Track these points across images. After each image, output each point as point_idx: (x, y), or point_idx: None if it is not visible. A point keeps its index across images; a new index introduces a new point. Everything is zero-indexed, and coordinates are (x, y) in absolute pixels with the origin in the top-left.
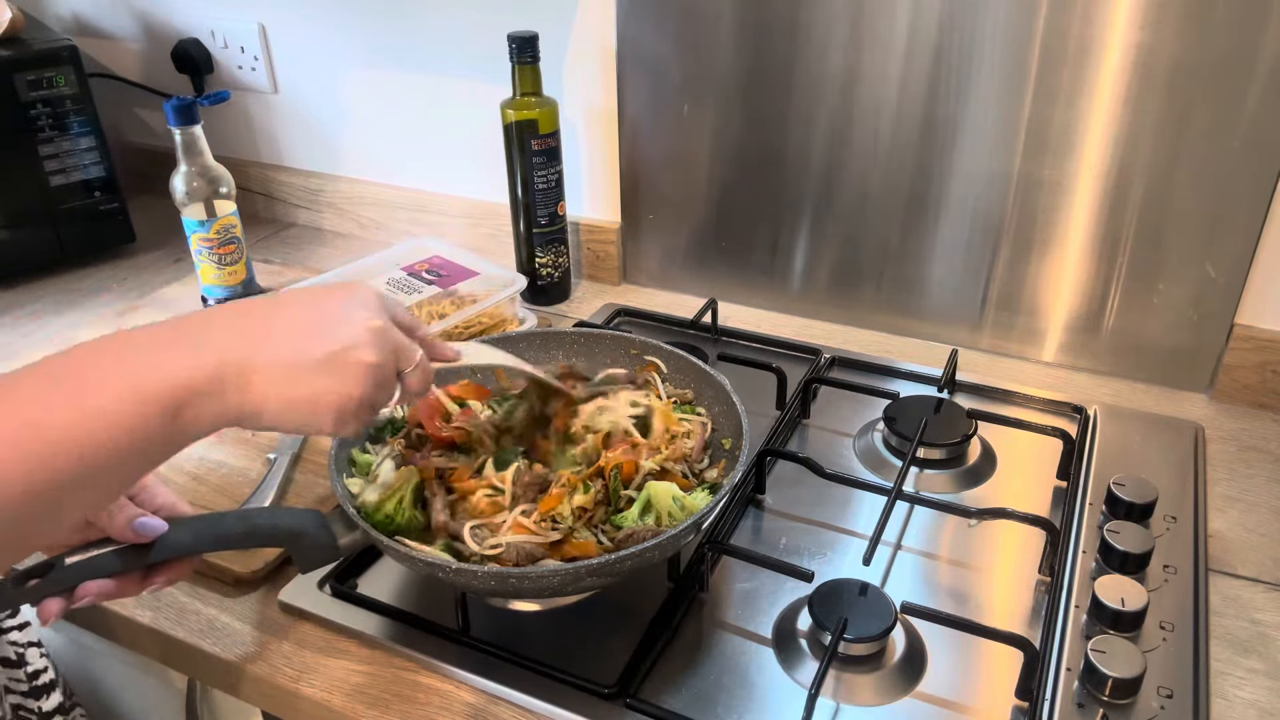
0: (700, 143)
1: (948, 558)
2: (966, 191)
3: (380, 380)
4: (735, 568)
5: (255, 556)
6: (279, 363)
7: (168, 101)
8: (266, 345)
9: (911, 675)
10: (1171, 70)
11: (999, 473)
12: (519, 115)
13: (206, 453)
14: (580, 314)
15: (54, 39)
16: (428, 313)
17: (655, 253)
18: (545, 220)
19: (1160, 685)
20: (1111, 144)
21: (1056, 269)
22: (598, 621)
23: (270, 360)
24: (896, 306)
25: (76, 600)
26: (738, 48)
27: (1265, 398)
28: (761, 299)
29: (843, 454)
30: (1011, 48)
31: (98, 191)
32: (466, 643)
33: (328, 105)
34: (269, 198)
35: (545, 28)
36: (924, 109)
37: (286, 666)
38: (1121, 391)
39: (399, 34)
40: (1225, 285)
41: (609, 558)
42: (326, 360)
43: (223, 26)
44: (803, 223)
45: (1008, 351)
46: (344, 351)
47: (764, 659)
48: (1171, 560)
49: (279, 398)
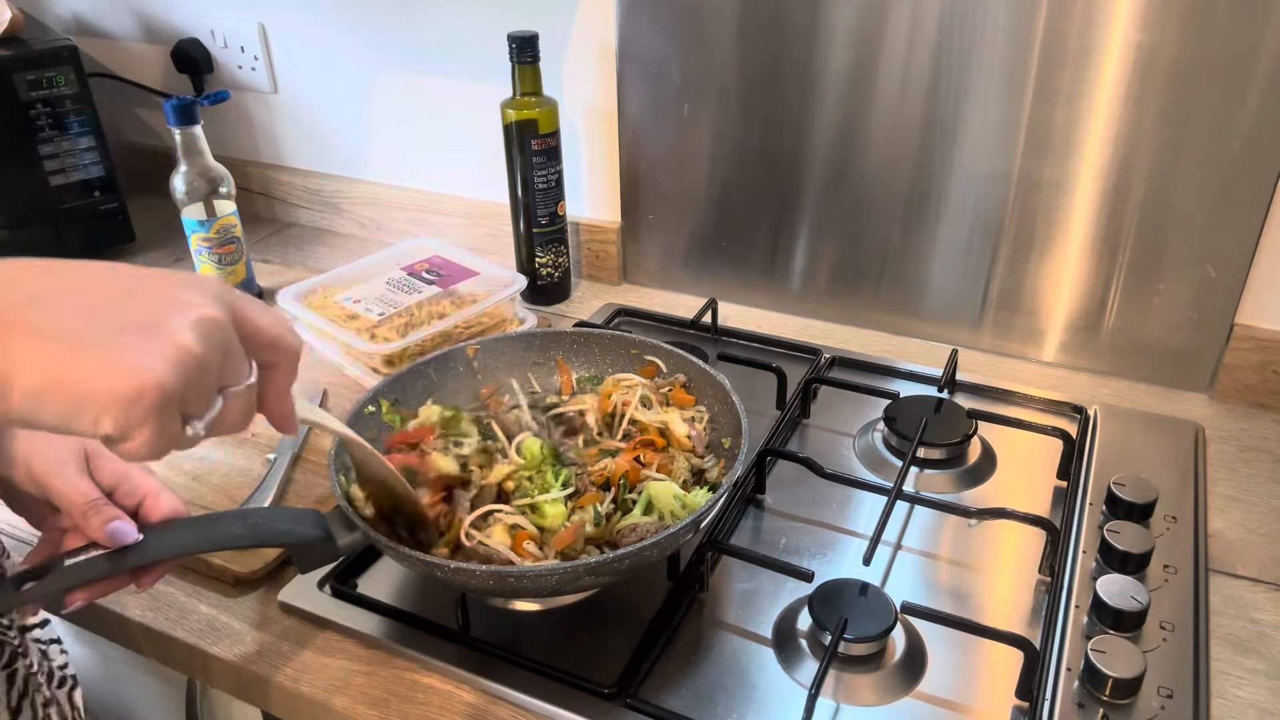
0: (700, 143)
1: (948, 558)
2: (966, 191)
3: (196, 377)
4: (735, 568)
5: (255, 556)
6: (52, 327)
7: (168, 101)
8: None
9: (911, 675)
10: (1171, 70)
11: (999, 473)
12: (519, 115)
13: (206, 453)
14: (580, 314)
15: (54, 39)
16: (428, 313)
17: (655, 253)
18: (545, 220)
19: (1160, 685)
20: (1111, 144)
21: (1056, 269)
22: (598, 621)
23: (38, 322)
24: (896, 306)
25: (66, 605)
26: (738, 47)
27: (1265, 398)
28: (761, 299)
29: (843, 454)
30: (1012, 48)
31: (98, 191)
32: (466, 643)
33: (328, 105)
34: (269, 198)
35: (545, 28)
36: (924, 109)
37: (286, 666)
38: (1121, 391)
39: (399, 34)
40: (1225, 285)
41: (608, 556)
42: (123, 331)
43: (223, 26)
44: (803, 223)
45: (1008, 351)
46: (154, 326)
47: (764, 659)
48: (1171, 560)
49: (42, 372)
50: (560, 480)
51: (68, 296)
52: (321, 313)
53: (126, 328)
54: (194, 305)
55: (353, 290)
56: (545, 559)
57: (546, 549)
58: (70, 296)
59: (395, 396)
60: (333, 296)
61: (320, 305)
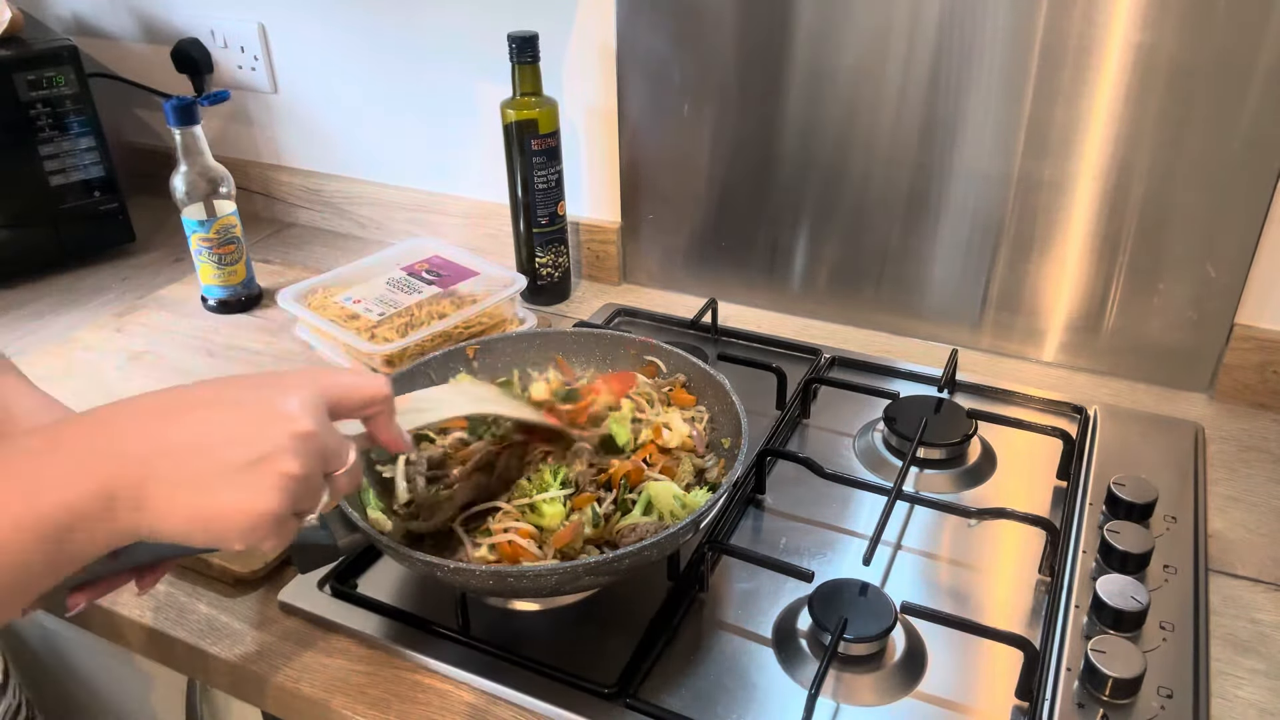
0: (700, 143)
1: (948, 558)
2: (966, 191)
3: (303, 493)
4: (735, 568)
5: (255, 556)
6: (180, 477)
7: (168, 101)
8: (166, 456)
9: (911, 675)
10: (1171, 70)
11: (999, 473)
12: (519, 115)
13: None
14: (580, 314)
15: (54, 39)
16: (428, 313)
17: (655, 253)
18: (545, 220)
19: (1160, 685)
20: (1111, 144)
21: (1056, 269)
22: (598, 621)
23: (169, 474)
24: (896, 306)
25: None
26: (738, 48)
27: (1265, 398)
28: (761, 299)
29: (843, 454)
30: (1011, 48)
31: (98, 191)
32: (466, 643)
33: (328, 105)
34: (269, 198)
35: (545, 28)
36: (924, 109)
37: (286, 666)
38: (1121, 391)
39: (399, 34)
40: (1225, 285)
41: (608, 556)
42: (237, 472)
43: (223, 26)
44: (803, 223)
45: (1008, 351)
46: (260, 462)
47: (764, 659)
48: (1171, 560)
49: (181, 516)
50: (559, 480)
51: (181, 447)
52: (321, 313)
53: (240, 468)
54: (290, 420)
55: (353, 290)
56: (544, 559)
57: (546, 549)
58: (191, 440)
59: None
60: (333, 297)
61: (320, 305)
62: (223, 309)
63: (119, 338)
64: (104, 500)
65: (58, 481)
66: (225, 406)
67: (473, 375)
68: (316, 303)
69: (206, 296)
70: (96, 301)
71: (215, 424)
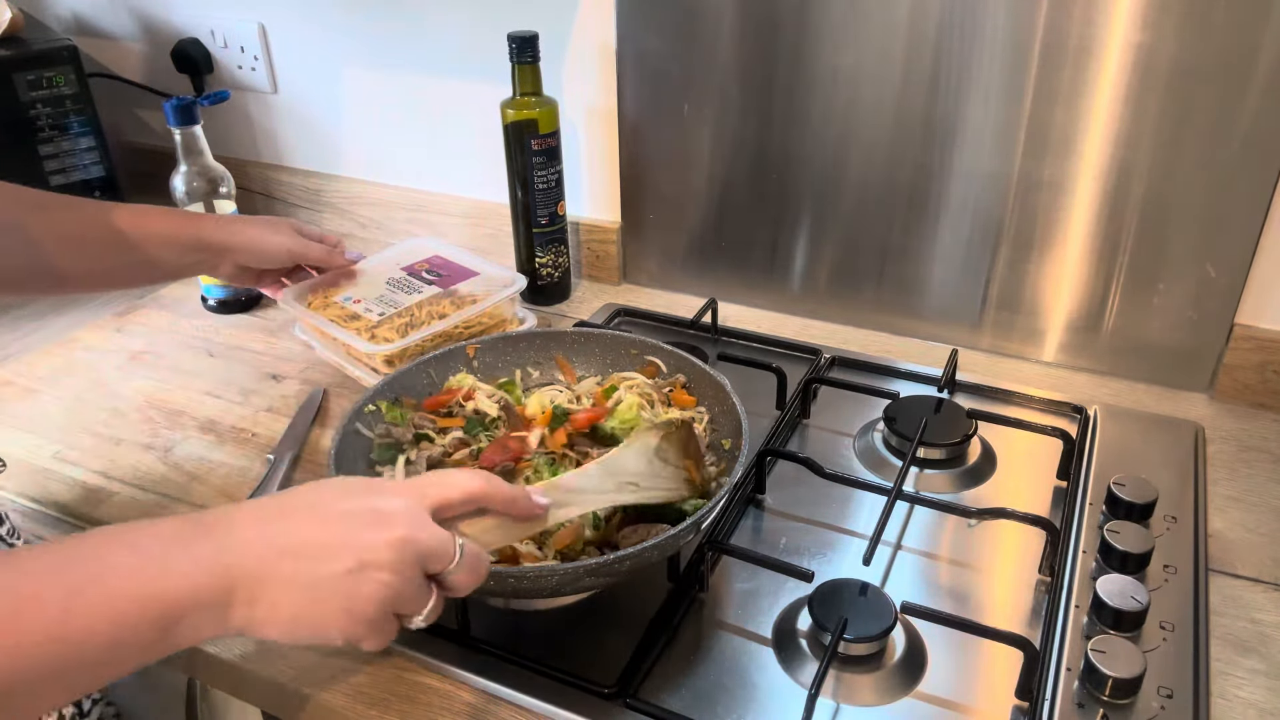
0: (700, 143)
1: (948, 558)
2: (966, 191)
3: (398, 598)
4: (735, 568)
5: None
6: (295, 578)
7: (168, 101)
8: (285, 557)
9: (911, 675)
10: (1171, 70)
11: (999, 473)
12: (519, 115)
13: (206, 453)
14: (580, 314)
15: (54, 39)
16: (428, 313)
17: (655, 253)
18: (545, 220)
19: (1160, 685)
20: (1111, 144)
21: (1056, 269)
22: (598, 621)
23: (288, 575)
24: (896, 306)
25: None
26: (738, 47)
27: (1265, 398)
28: (761, 299)
29: (843, 454)
30: (1011, 48)
31: (98, 191)
32: (466, 643)
33: (328, 105)
34: (269, 198)
35: (545, 28)
36: (924, 109)
37: (286, 666)
38: (1121, 391)
39: (399, 34)
40: (1225, 285)
41: (608, 558)
42: (340, 578)
43: (223, 26)
44: (803, 223)
45: (1008, 351)
46: (360, 569)
47: (764, 659)
48: (1171, 560)
49: (285, 618)
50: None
51: (295, 551)
52: (322, 313)
53: (342, 574)
54: (388, 527)
55: (353, 290)
56: (545, 560)
57: (546, 550)
58: (297, 549)
59: (395, 396)
60: (333, 297)
61: (320, 305)
62: (223, 309)
63: (119, 338)
64: (224, 592)
65: (186, 568)
66: (330, 519)
67: (474, 375)
68: (317, 303)
69: (206, 296)
70: (96, 301)
71: (323, 532)
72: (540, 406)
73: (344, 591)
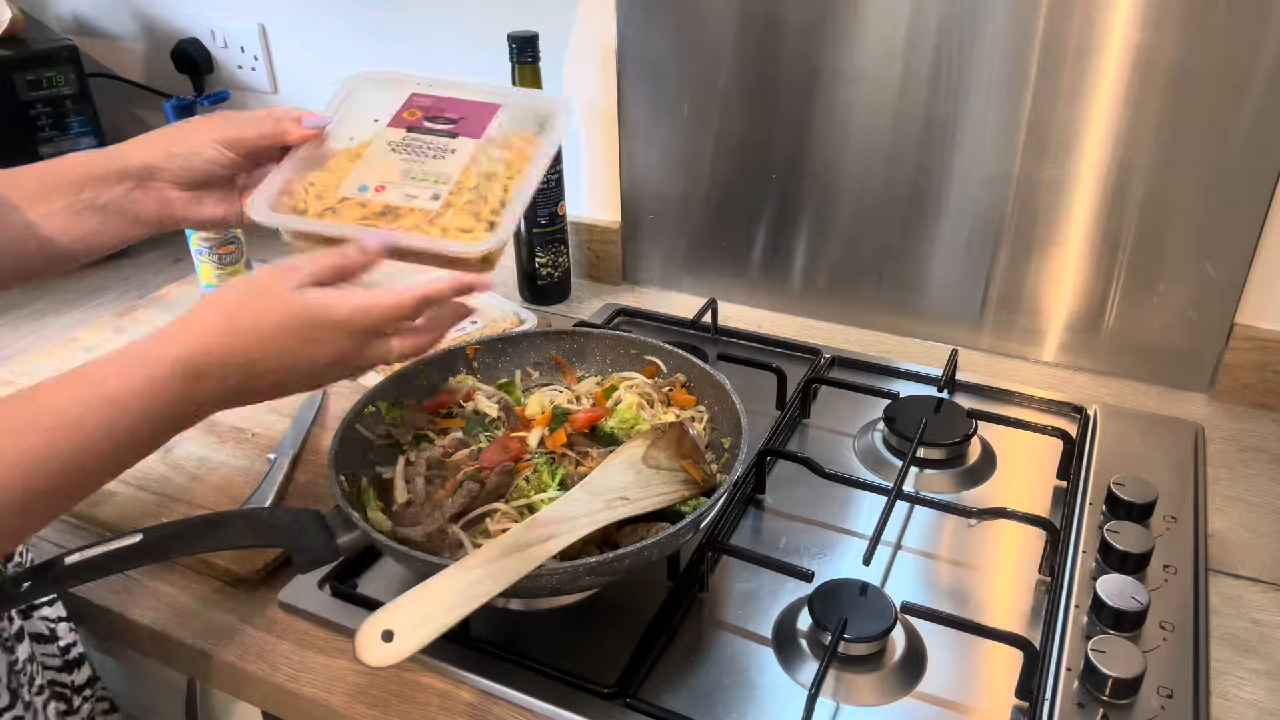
0: (700, 143)
1: (948, 558)
2: (966, 191)
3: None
4: (735, 568)
5: (255, 556)
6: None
7: (168, 101)
8: (265, 374)
9: (911, 675)
10: (1171, 71)
11: (999, 473)
12: None
13: (206, 453)
14: (580, 314)
15: (54, 39)
16: (490, 175)
17: (655, 253)
18: (545, 220)
19: (1160, 685)
20: (1111, 144)
21: (1056, 269)
22: (598, 621)
23: (264, 389)
24: (897, 306)
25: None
26: (738, 48)
27: (1265, 398)
28: (761, 299)
29: (843, 454)
30: (1011, 48)
31: None
32: (466, 643)
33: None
34: None
35: (545, 28)
36: (924, 109)
37: (286, 666)
38: (1121, 391)
39: (399, 34)
40: (1225, 285)
41: (608, 556)
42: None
43: (223, 26)
44: (803, 223)
45: (1008, 351)
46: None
47: (764, 659)
48: (1171, 560)
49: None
50: (557, 480)
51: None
52: (336, 218)
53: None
54: (326, 367)
55: (356, 173)
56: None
57: None
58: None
59: (396, 397)
60: (329, 189)
61: (327, 210)
62: None
63: (119, 338)
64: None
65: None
66: (285, 368)
67: (474, 376)
68: (316, 207)
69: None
70: (96, 301)
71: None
72: (540, 407)
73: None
